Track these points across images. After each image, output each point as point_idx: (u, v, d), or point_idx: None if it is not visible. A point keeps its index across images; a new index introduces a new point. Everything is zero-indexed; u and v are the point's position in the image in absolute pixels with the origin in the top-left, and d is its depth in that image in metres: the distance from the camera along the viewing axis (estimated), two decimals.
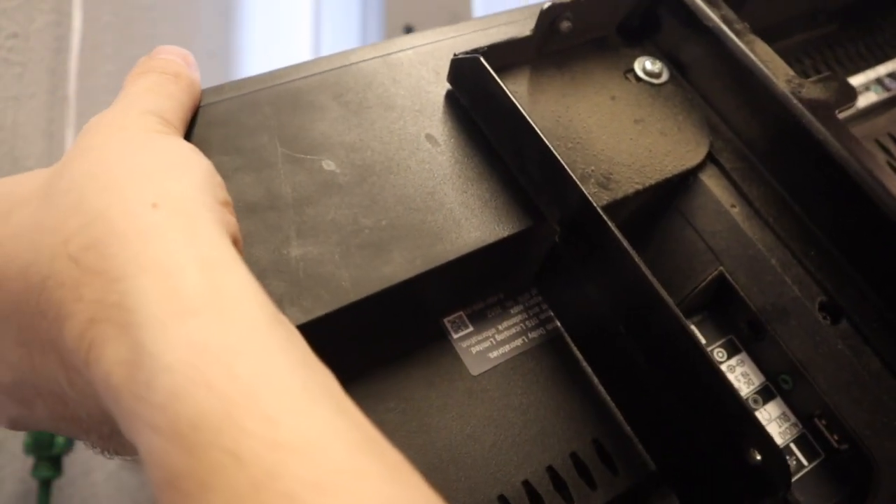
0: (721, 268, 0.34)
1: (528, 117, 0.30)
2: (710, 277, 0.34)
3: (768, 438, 0.26)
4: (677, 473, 0.30)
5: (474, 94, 0.33)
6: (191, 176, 0.24)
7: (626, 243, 0.28)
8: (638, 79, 0.37)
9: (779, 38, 0.45)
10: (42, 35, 0.79)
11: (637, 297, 0.28)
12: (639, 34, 0.39)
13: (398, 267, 0.29)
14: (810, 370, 0.32)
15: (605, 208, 0.32)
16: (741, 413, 0.26)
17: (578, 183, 0.29)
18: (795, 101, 0.34)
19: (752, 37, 0.36)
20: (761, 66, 0.35)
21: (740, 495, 0.27)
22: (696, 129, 0.36)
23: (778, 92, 0.34)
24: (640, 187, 0.33)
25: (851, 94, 0.35)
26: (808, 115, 0.33)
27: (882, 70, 0.45)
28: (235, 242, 0.25)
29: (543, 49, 0.36)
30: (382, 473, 0.19)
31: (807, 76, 0.45)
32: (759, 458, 0.26)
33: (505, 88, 0.31)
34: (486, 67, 0.32)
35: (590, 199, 0.29)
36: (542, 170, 0.31)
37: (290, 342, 0.21)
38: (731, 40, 0.35)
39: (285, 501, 0.17)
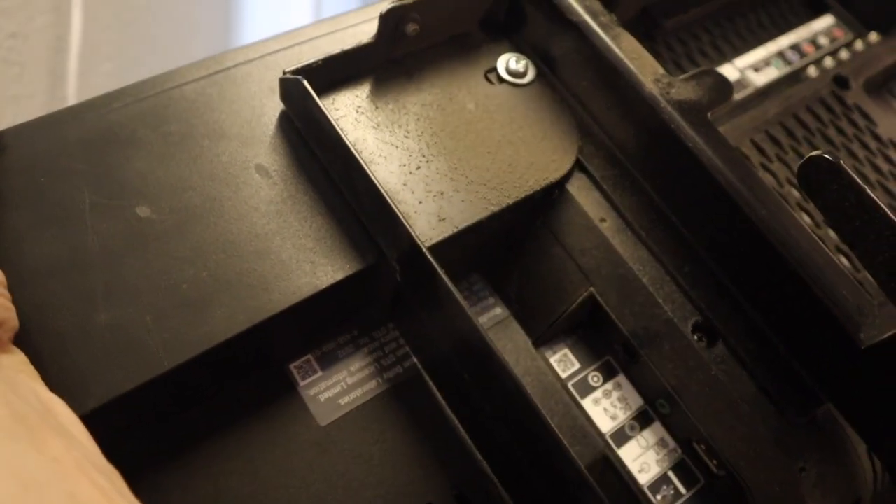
0: (592, 289, 0.32)
1: (352, 148, 0.27)
2: (580, 299, 0.32)
3: None
4: None
5: (303, 117, 0.30)
6: None
7: (456, 293, 0.25)
8: (501, 79, 0.34)
9: (675, 12, 0.42)
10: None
11: (471, 350, 0.26)
12: (505, 28, 0.35)
13: (217, 326, 0.27)
14: (684, 397, 0.30)
15: (453, 238, 0.30)
16: (581, 484, 0.24)
17: (406, 223, 0.26)
18: (664, 104, 0.31)
19: (619, 30, 0.32)
20: (628, 63, 0.31)
21: None
22: (564, 135, 0.33)
23: (646, 93, 0.31)
24: (495, 209, 0.30)
25: (727, 90, 0.31)
26: (678, 119, 0.30)
27: (784, 42, 0.42)
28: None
29: (392, 54, 0.33)
30: None
31: (703, 54, 0.41)
32: None
33: (328, 115, 0.28)
34: (307, 90, 0.28)
35: (417, 241, 0.26)
36: (373, 205, 0.28)
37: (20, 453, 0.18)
38: (596, 35, 0.32)
39: None
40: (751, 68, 0.41)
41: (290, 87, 0.30)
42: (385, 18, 0.31)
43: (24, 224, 0.27)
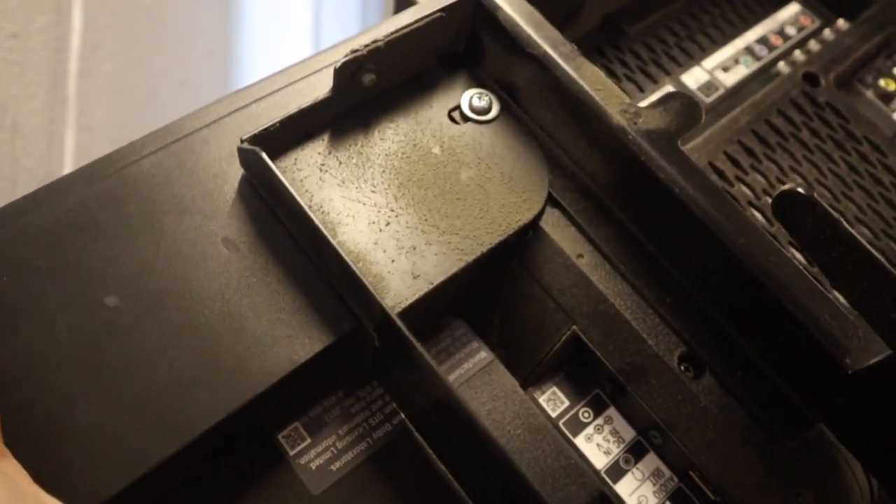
0: (574, 327, 0.31)
1: (316, 222, 0.27)
2: (564, 339, 0.31)
3: None
4: None
5: (266, 187, 0.29)
6: None
7: (435, 366, 0.25)
8: (465, 118, 0.33)
9: (638, 18, 0.41)
10: (42, 35, 0.76)
11: (456, 421, 0.26)
12: (465, 61, 0.34)
13: (198, 416, 0.26)
14: (675, 430, 0.30)
15: (428, 295, 0.29)
16: None
17: (377, 297, 0.26)
18: (633, 136, 0.30)
19: (581, 60, 0.31)
20: (593, 95, 0.31)
21: None
22: (533, 171, 0.32)
23: (613, 125, 0.30)
24: (469, 259, 0.30)
25: (696, 114, 0.31)
26: (648, 151, 0.30)
27: (751, 36, 0.41)
28: None
29: (351, 104, 0.32)
30: None
31: (671, 58, 0.41)
32: None
33: (289, 188, 0.27)
34: (265, 162, 0.28)
35: (390, 314, 0.26)
36: (343, 278, 0.27)
37: None
38: (559, 67, 0.31)
39: None
40: (720, 68, 0.40)
41: (248, 158, 0.29)
42: (340, 72, 0.30)
43: None
